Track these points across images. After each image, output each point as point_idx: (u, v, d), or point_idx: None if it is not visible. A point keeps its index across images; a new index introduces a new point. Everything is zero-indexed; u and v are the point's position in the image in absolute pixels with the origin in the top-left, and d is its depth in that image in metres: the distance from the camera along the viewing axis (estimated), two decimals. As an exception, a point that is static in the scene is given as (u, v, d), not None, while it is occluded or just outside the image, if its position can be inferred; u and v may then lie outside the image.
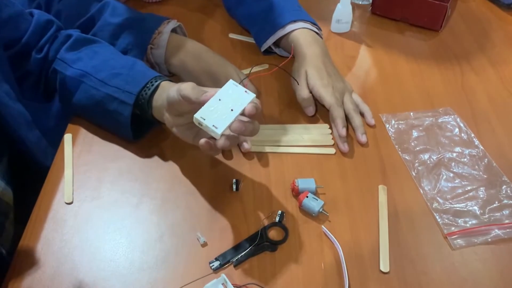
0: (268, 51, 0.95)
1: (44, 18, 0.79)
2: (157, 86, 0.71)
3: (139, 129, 0.75)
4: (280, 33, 0.89)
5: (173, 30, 0.86)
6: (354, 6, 1.09)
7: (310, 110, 0.83)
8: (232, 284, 0.60)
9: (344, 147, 0.77)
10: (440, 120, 0.83)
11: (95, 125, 0.80)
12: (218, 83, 0.66)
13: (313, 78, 0.82)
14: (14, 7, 0.75)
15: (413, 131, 0.81)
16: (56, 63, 0.78)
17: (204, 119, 0.57)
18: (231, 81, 0.62)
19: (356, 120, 0.80)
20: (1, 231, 0.66)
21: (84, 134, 0.79)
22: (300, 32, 0.88)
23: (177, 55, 0.84)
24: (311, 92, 0.82)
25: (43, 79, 0.80)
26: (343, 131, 0.77)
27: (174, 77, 0.88)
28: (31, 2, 0.86)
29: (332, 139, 0.80)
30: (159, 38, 0.84)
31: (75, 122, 0.81)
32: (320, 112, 0.84)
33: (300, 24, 0.89)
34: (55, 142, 0.78)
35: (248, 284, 0.61)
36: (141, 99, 0.71)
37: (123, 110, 0.72)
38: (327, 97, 0.80)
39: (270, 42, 0.91)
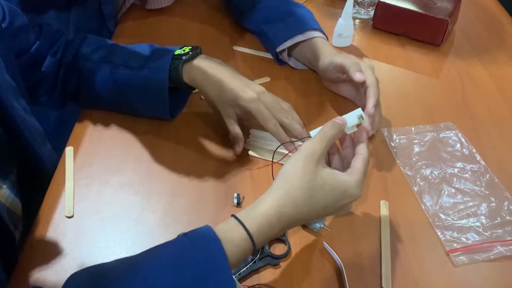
0: (281, 61, 0.95)
1: (53, 27, 0.84)
2: (194, 56, 0.77)
3: (171, 109, 0.80)
4: (299, 37, 0.90)
5: None
6: (356, 20, 1.09)
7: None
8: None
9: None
10: (441, 135, 0.83)
11: (96, 137, 0.80)
12: None
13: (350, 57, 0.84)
14: (24, 18, 0.78)
15: (415, 146, 0.81)
16: (78, 59, 0.81)
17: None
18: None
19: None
20: (13, 242, 0.66)
21: (86, 147, 0.79)
22: (321, 40, 0.90)
23: None
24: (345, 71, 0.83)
25: (60, 81, 0.83)
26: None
27: None
28: None
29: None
30: None
31: (77, 135, 0.81)
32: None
33: (319, 34, 0.91)
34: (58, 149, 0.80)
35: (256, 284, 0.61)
36: (172, 69, 0.76)
37: (160, 86, 0.76)
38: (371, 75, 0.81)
39: (288, 44, 0.91)
